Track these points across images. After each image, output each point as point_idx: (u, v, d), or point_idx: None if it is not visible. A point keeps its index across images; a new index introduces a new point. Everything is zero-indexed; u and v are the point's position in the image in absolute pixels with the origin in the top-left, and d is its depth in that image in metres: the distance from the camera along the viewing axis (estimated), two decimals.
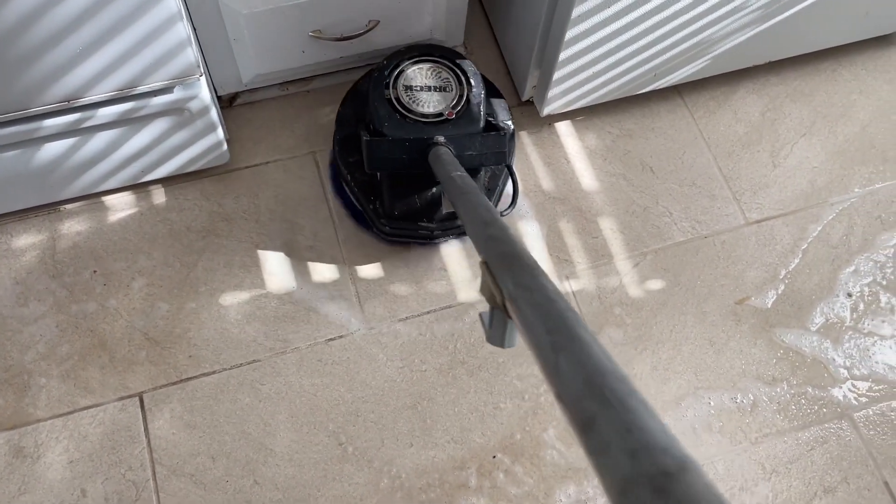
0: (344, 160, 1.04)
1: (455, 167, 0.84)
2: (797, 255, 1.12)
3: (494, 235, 0.60)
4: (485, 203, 0.69)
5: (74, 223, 1.06)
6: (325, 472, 0.94)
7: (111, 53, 0.82)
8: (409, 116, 0.95)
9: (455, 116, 0.95)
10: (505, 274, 0.53)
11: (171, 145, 1.00)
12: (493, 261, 0.56)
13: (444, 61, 1.00)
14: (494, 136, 0.95)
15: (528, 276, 0.51)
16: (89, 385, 0.97)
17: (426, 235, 1.04)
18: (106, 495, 0.91)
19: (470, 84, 0.98)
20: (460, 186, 0.76)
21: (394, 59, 1.00)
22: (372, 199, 1.03)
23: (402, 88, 0.97)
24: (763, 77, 1.25)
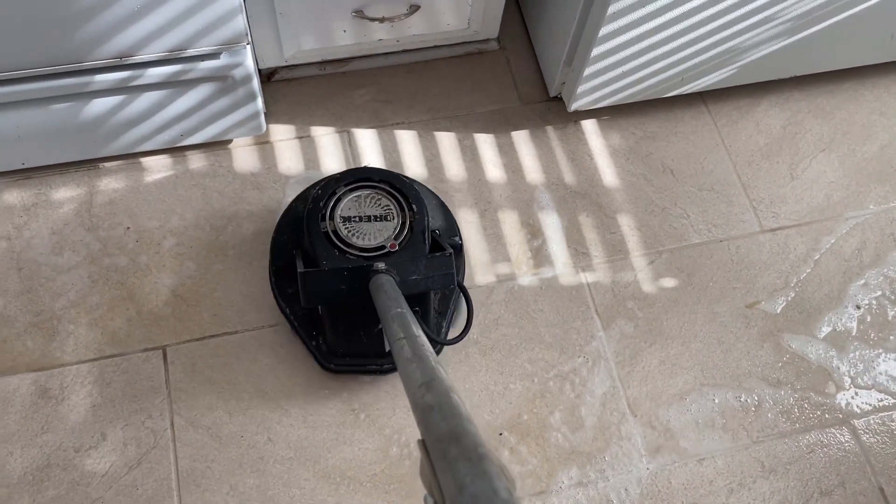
0: (282, 292, 0.99)
1: (395, 301, 0.76)
2: (809, 265, 1.14)
3: (435, 405, 0.50)
4: (424, 353, 0.60)
5: (112, 180, 1.10)
6: (336, 435, 0.97)
7: (167, 14, 0.86)
8: (348, 252, 0.88)
9: (398, 248, 0.89)
10: (445, 467, 0.44)
11: (211, 111, 1.04)
12: (433, 444, 0.47)
13: (383, 186, 0.93)
14: (440, 257, 0.87)
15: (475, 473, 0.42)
16: (116, 335, 1.00)
17: (377, 371, 0.99)
18: (125, 440, 0.94)
19: (412, 209, 0.91)
20: (400, 328, 0.68)
21: (330, 187, 0.92)
22: (314, 335, 0.97)
23: (340, 220, 0.90)
24: (787, 91, 1.28)
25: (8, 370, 0.97)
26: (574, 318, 1.07)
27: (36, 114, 0.97)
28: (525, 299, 1.08)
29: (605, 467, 0.98)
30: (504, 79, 1.25)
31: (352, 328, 0.93)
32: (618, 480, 0.98)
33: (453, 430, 0.46)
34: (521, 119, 1.22)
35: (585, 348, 1.05)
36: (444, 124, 1.20)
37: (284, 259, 0.98)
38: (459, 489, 0.42)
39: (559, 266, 1.11)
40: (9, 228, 1.05)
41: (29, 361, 0.98)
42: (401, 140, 1.18)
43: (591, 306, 1.08)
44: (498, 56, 1.27)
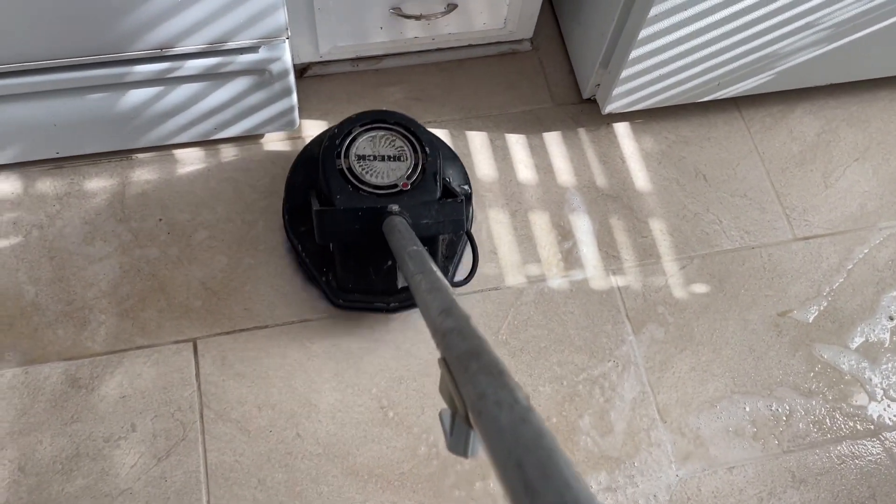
0: (295, 230, 1.01)
1: (410, 240, 0.79)
2: (842, 275, 1.13)
3: (453, 328, 0.53)
4: (441, 286, 0.63)
5: (145, 172, 1.10)
6: (365, 432, 0.97)
7: (209, 7, 0.85)
8: (362, 188, 0.90)
9: (410, 188, 0.91)
10: (466, 379, 0.46)
11: (246, 105, 1.04)
12: (454, 361, 0.49)
13: (398, 129, 0.96)
14: (451, 203, 0.90)
15: (496, 385, 0.44)
16: (146, 326, 1.00)
17: (383, 309, 1.00)
18: (154, 432, 0.94)
19: (426, 152, 0.94)
20: (416, 264, 0.70)
21: (346, 127, 0.95)
22: (324, 272, 0.99)
23: (355, 158, 0.92)
24: (822, 99, 1.27)
25: (39, 358, 0.97)
26: (604, 322, 1.07)
27: (73, 103, 0.97)
28: (555, 301, 1.07)
29: (634, 473, 0.98)
30: (537, 79, 1.25)
31: (361, 266, 0.95)
32: (647, 486, 0.97)
33: (473, 349, 0.49)
34: (553, 120, 1.21)
35: (615, 352, 1.05)
36: (475, 124, 1.20)
37: (298, 199, 1.01)
38: (480, 397, 0.44)
39: (590, 269, 1.10)
40: (41, 217, 1.06)
41: (60, 350, 0.98)
42: None
43: (621, 310, 1.08)
44: (531, 57, 1.26)
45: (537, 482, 0.35)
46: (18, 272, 1.02)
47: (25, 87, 0.92)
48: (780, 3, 0.98)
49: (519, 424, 0.40)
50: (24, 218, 1.05)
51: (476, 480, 0.95)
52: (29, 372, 0.96)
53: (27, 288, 1.01)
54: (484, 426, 0.42)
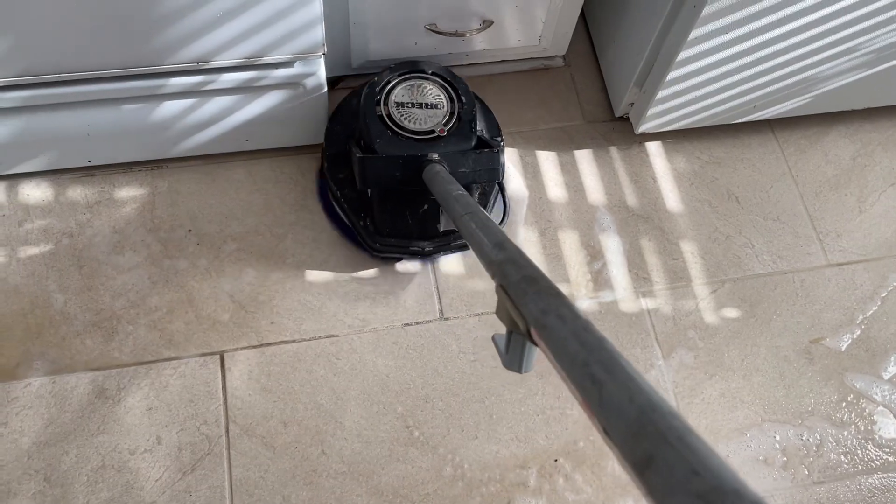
0: (334, 177, 1.04)
1: (454, 185, 0.83)
2: (876, 303, 1.11)
3: (510, 258, 0.57)
4: (490, 223, 0.67)
5: (176, 182, 1.10)
6: (390, 451, 0.96)
7: (248, 22, 0.85)
8: (400, 133, 0.94)
9: (446, 133, 0.95)
10: (528, 300, 0.51)
11: (279, 118, 1.03)
12: (513, 285, 0.54)
13: (435, 78, 1.00)
14: (487, 153, 0.93)
15: (556, 302, 0.48)
16: (174, 338, 1.00)
17: (418, 253, 1.04)
18: (180, 445, 0.94)
19: (461, 101, 0.98)
20: (464, 206, 0.74)
21: (384, 76, 0.99)
22: (362, 216, 1.02)
23: (394, 105, 0.97)
24: (857, 123, 1.25)
25: (66, 368, 0.97)
26: (633, 345, 1.05)
27: (107, 113, 0.97)
28: None
29: None
30: (569, 97, 1.24)
31: (398, 210, 0.98)
32: None
33: (531, 274, 0.53)
34: (585, 138, 1.20)
35: (644, 376, 1.03)
36: (506, 139, 1.19)
37: (337, 147, 1.04)
38: (543, 312, 0.48)
39: (619, 290, 1.09)
40: (72, 225, 1.06)
41: (87, 360, 0.98)
42: None
43: (651, 333, 1.06)
44: (563, 73, 1.25)
45: (603, 376, 0.39)
46: (48, 280, 1.02)
47: (62, 97, 0.92)
48: (821, 29, 0.96)
49: (581, 332, 0.44)
50: (54, 225, 1.06)
51: (500, 503, 0.94)
52: (56, 381, 0.96)
53: (56, 296, 1.01)
54: (548, 335, 0.47)
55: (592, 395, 0.39)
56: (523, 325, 0.51)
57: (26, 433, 0.93)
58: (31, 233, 1.05)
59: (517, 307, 0.52)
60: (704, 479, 0.31)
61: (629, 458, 0.35)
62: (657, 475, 0.33)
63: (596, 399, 0.39)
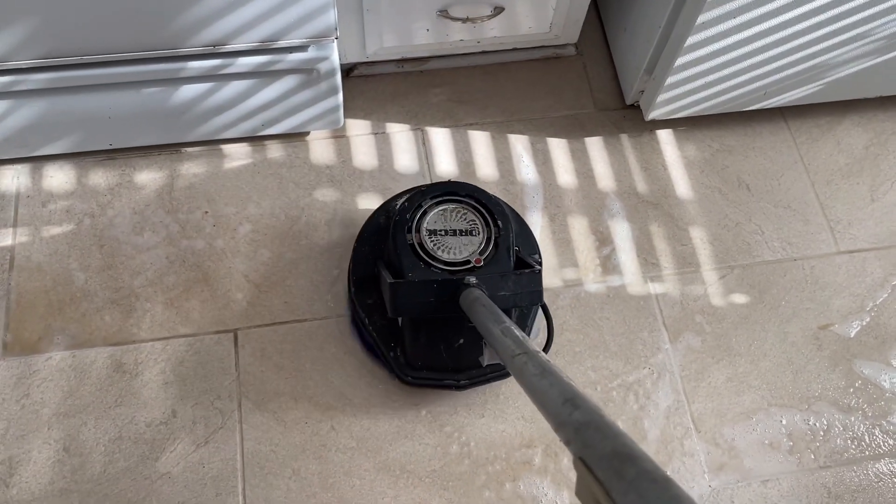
0: (361, 302, 0.97)
1: (498, 315, 0.73)
2: (886, 290, 1.11)
3: (591, 422, 0.47)
4: (553, 369, 0.57)
5: (193, 165, 1.13)
6: (398, 428, 0.98)
7: (262, 6, 0.88)
8: (433, 265, 0.88)
9: (483, 263, 0.88)
10: (624, 488, 0.41)
11: (293, 103, 1.06)
12: (601, 463, 0.44)
13: (468, 201, 0.93)
14: (528, 274, 0.86)
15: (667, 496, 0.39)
16: (190, 315, 1.03)
17: (451, 386, 0.97)
18: (194, 418, 0.97)
19: (497, 226, 0.91)
20: (516, 344, 0.64)
21: (416, 200, 0.93)
22: (392, 346, 0.95)
23: (426, 233, 0.90)
24: (871, 111, 1.25)
25: (86, 343, 1.00)
26: (641, 329, 1.06)
27: (128, 96, 1.00)
28: (591, 306, 1.07)
29: None
30: (580, 84, 1.25)
31: (432, 342, 0.92)
32: None
33: (623, 450, 0.43)
34: (596, 125, 1.21)
35: (651, 360, 1.04)
36: (517, 127, 1.20)
37: (365, 270, 0.98)
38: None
39: (628, 275, 1.10)
40: (93, 206, 1.09)
41: (106, 335, 1.01)
42: (473, 140, 1.18)
43: (658, 318, 1.07)
44: (575, 61, 1.27)
45: None
46: (70, 259, 1.05)
47: (84, 79, 0.95)
48: (830, 14, 0.97)
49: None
50: (76, 206, 1.09)
51: (506, 482, 0.96)
52: (76, 355, 0.99)
53: (77, 274, 1.04)
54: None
55: None
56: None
57: (47, 404, 0.97)
58: (54, 213, 1.08)
59: (610, 495, 0.42)
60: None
61: None
62: None
63: None
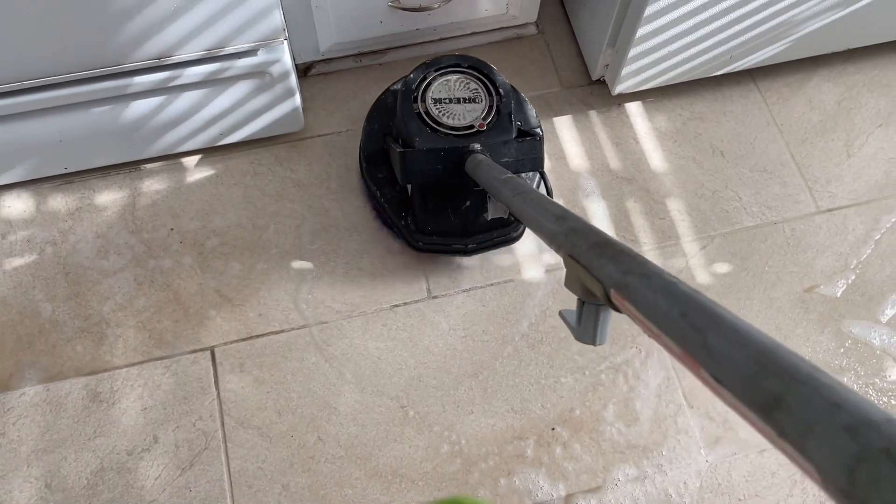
0: (372, 176, 1.03)
1: (500, 170, 0.82)
2: (869, 246, 1.10)
3: (575, 228, 0.57)
4: (545, 198, 0.67)
5: (154, 182, 1.10)
6: (386, 433, 0.96)
7: (204, 13, 0.84)
8: (439, 130, 0.93)
9: (486, 128, 0.94)
10: (605, 263, 0.50)
11: (250, 109, 1.03)
12: (584, 253, 0.53)
13: (471, 72, 0.98)
14: (529, 141, 0.92)
15: (637, 262, 0.47)
16: (163, 337, 1.00)
17: (460, 250, 1.03)
18: (177, 442, 0.94)
19: (499, 94, 0.96)
20: (515, 188, 0.73)
21: (421, 72, 0.98)
22: (403, 215, 1.01)
23: (431, 101, 0.95)
24: (840, 65, 1.23)
25: (59, 375, 0.98)
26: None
27: (77, 118, 0.97)
28: None
29: (663, 461, 0.96)
30: (544, 64, 1.22)
31: (440, 207, 0.97)
32: (676, 474, 0.95)
33: (602, 239, 0.52)
34: (563, 104, 1.19)
35: (638, 339, 1.03)
36: None
37: (374, 146, 1.04)
38: (625, 272, 0.47)
39: None
40: (54, 233, 1.06)
41: (79, 366, 0.98)
42: None
43: None
44: (537, 41, 1.24)
45: (706, 324, 0.38)
46: (35, 290, 1.02)
47: (28, 105, 0.92)
48: None
49: (671, 286, 0.43)
50: (37, 235, 1.06)
51: (500, 477, 0.94)
52: (50, 389, 0.97)
53: (44, 305, 1.01)
54: (634, 294, 0.45)
55: (696, 343, 0.38)
56: (601, 290, 0.49)
57: (24, 442, 0.94)
58: (14, 244, 1.05)
59: (592, 273, 0.50)
60: (848, 411, 0.29)
61: (751, 401, 0.33)
62: (791, 414, 0.31)
63: (701, 347, 0.37)
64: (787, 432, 0.31)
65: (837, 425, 0.29)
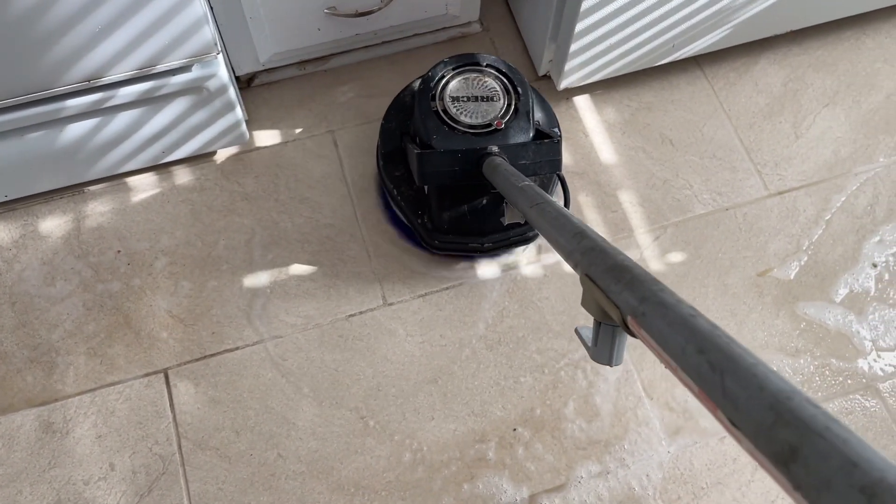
0: (389, 175, 1.02)
1: (517, 177, 0.80)
2: (820, 226, 1.10)
3: (594, 247, 0.56)
4: (565, 212, 0.65)
5: (98, 204, 1.08)
6: (347, 445, 0.95)
7: (130, 32, 0.83)
8: (457, 128, 0.92)
9: (504, 126, 0.93)
10: (621, 288, 0.49)
11: (190, 125, 1.01)
12: (601, 275, 0.52)
13: (490, 70, 0.98)
14: (548, 143, 0.91)
15: (655, 289, 0.47)
16: (115, 362, 0.99)
17: (477, 249, 1.02)
18: (134, 469, 0.93)
19: (518, 93, 0.96)
20: (533, 197, 0.72)
21: (438, 70, 0.97)
22: (420, 214, 1.01)
23: (449, 100, 0.95)
24: (784, 47, 1.23)
25: (9, 408, 0.96)
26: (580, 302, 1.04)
27: (12, 145, 0.95)
28: (529, 288, 1.05)
29: (625, 455, 0.96)
30: None
31: (457, 207, 0.97)
32: (638, 467, 0.95)
33: (621, 262, 0.52)
34: None
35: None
36: None
37: (392, 145, 1.03)
38: (642, 300, 0.46)
39: None
40: None
41: (30, 397, 0.97)
42: None
43: None
44: (482, 38, 1.23)
45: (723, 363, 0.37)
46: None
47: None
48: None
49: (689, 318, 0.42)
50: None
51: (464, 482, 0.94)
52: (1, 422, 0.95)
53: None
54: (651, 324, 0.45)
55: (713, 384, 0.37)
56: (618, 315, 0.49)
57: None
58: None
59: (609, 297, 0.50)
60: (865, 470, 0.28)
61: (767, 450, 0.33)
62: (807, 468, 0.30)
63: (718, 388, 0.37)
64: (802, 486, 0.31)
65: (854, 485, 0.28)
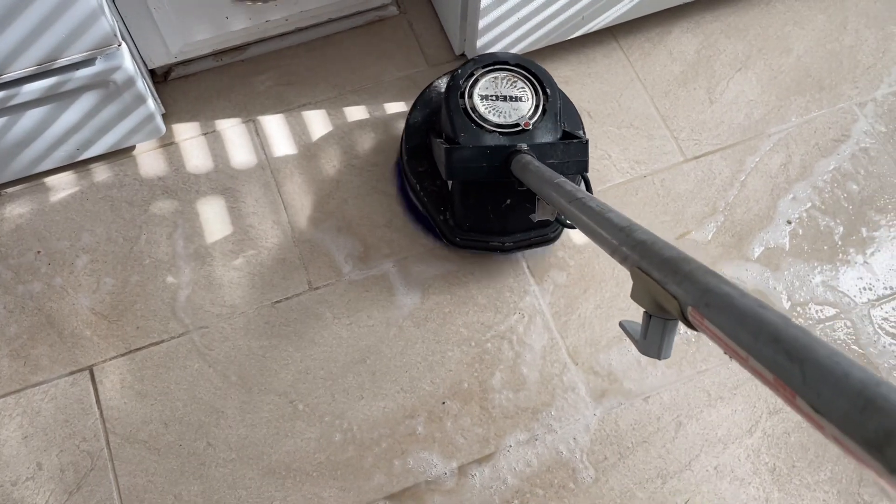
0: (413, 169, 1.03)
1: (551, 173, 0.79)
2: (736, 188, 1.13)
3: (643, 240, 0.55)
4: (608, 206, 0.65)
5: (15, 206, 1.06)
6: (277, 429, 0.96)
7: (24, 27, 0.82)
8: (485, 126, 0.93)
9: (532, 127, 0.93)
10: (681, 280, 0.49)
11: (102, 120, 1.00)
12: (656, 267, 0.52)
13: (519, 70, 0.98)
14: (576, 144, 0.91)
15: (717, 280, 0.46)
16: (39, 362, 0.98)
17: (498, 248, 1.03)
18: (62, 467, 0.93)
19: (546, 93, 0.96)
20: (571, 193, 0.71)
21: (468, 68, 0.98)
22: (442, 210, 1.01)
23: (478, 98, 0.95)
24: (698, 15, 1.26)
25: None
26: (506, 276, 1.06)
27: None
28: (455, 265, 1.06)
29: (552, 421, 0.98)
30: (409, 43, 1.22)
31: (480, 204, 0.97)
32: (566, 431, 0.97)
33: (679, 255, 0.51)
34: None
35: (520, 304, 1.04)
36: (351, 98, 1.17)
37: (417, 140, 1.04)
38: (705, 291, 0.46)
39: None
40: None
41: None
42: (309, 121, 1.15)
43: (522, 262, 1.07)
44: (399, 21, 1.23)
45: (802, 352, 0.37)
46: None
47: None
48: None
49: (758, 308, 0.41)
50: None
51: (394, 458, 0.95)
52: None
53: None
54: (718, 314, 0.44)
55: (792, 373, 0.37)
56: (676, 307, 0.48)
57: None
58: None
59: (666, 289, 0.49)
60: None
61: (858, 435, 0.33)
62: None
63: (797, 377, 0.36)
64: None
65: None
